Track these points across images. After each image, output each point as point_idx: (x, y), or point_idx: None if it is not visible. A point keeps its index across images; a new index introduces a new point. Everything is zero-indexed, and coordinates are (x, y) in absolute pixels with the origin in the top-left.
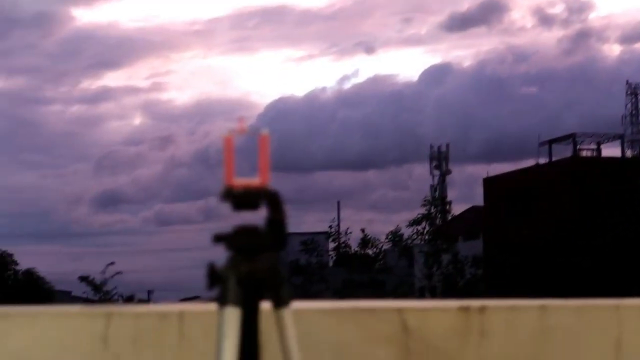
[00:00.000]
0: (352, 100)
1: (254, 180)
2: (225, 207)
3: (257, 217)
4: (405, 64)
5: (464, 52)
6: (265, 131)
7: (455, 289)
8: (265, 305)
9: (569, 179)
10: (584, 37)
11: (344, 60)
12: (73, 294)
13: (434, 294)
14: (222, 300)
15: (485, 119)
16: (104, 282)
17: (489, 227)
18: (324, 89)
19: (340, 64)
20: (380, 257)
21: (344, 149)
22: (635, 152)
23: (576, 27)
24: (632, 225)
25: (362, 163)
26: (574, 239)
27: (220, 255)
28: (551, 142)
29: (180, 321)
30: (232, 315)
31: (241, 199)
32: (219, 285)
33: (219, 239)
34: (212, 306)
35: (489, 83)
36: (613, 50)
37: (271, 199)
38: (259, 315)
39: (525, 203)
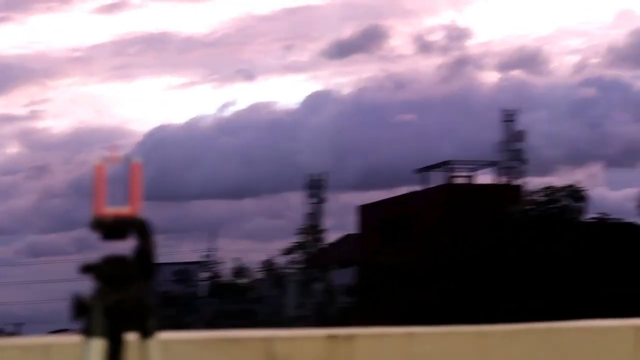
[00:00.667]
0: (232, 128)
1: (124, 210)
2: (96, 237)
3: (129, 246)
4: (286, 91)
5: (345, 79)
6: (137, 159)
7: (328, 318)
8: (132, 336)
9: (444, 206)
10: (462, 64)
11: (225, 88)
12: None
13: (306, 323)
14: (87, 332)
15: (363, 147)
16: None
17: (364, 255)
18: (204, 117)
19: (221, 92)
20: (254, 286)
21: (222, 177)
22: (510, 179)
23: (455, 54)
24: (506, 250)
25: (238, 191)
26: (449, 264)
27: (91, 285)
28: (427, 169)
29: (46, 354)
30: (97, 347)
31: (110, 228)
32: (85, 316)
33: (87, 269)
34: (79, 338)
35: (368, 110)
36: (490, 77)
37: (140, 229)
38: (125, 346)
39: (400, 230)
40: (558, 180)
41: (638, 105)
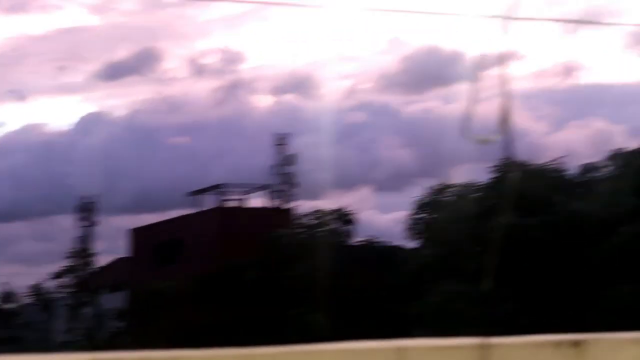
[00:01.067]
0: (2, 149)
1: None
2: None
3: None
4: (58, 112)
5: (118, 101)
6: None
7: (97, 343)
8: None
9: (215, 228)
10: (235, 87)
11: None
12: None
13: (75, 348)
14: None
15: (135, 169)
16: None
17: (135, 279)
18: None
19: None
20: (21, 311)
21: None
22: (281, 202)
23: (228, 77)
24: (276, 273)
25: (7, 214)
26: (222, 287)
27: None
28: (199, 192)
29: None
30: None
31: None
32: None
33: None
34: None
35: (141, 133)
36: (264, 101)
37: None
38: None
39: (172, 253)
40: (328, 203)
41: (407, 130)
